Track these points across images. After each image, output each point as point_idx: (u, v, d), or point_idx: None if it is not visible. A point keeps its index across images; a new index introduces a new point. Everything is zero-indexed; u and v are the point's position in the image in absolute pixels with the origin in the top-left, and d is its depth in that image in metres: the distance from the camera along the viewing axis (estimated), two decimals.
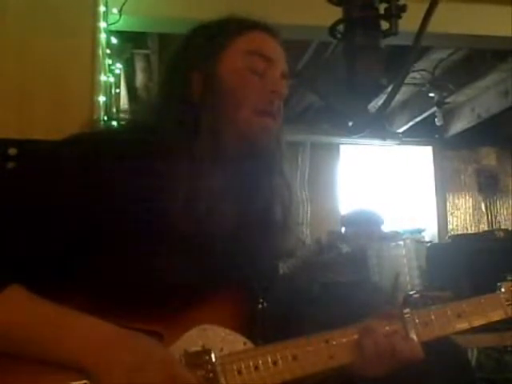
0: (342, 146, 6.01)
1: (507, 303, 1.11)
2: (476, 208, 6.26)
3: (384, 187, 6.04)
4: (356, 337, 1.01)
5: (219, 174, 1.04)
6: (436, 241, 5.69)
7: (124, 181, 0.95)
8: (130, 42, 3.53)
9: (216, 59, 1.07)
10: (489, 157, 6.27)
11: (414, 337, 1.02)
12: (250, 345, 0.98)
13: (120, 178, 0.95)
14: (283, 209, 1.11)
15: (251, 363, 0.94)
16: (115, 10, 2.78)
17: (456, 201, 6.25)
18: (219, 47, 1.08)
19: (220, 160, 1.04)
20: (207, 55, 1.08)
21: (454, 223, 6.20)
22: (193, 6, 2.67)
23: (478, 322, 1.08)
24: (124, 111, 3.69)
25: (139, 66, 4.42)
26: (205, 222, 0.98)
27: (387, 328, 1.02)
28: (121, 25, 2.85)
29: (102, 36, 2.65)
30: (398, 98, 5.11)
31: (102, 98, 2.54)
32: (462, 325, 1.07)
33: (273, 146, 1.08)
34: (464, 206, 6.26)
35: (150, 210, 0.95)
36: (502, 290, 1.12)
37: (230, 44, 1.08)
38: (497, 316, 1.10)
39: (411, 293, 2.49)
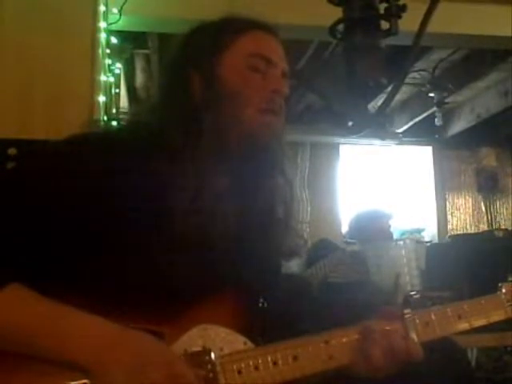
0: (341, 146, 6.01)
1: (508, 304, 1.11)
2: (476, 208, 6.26)
3: (384, 187, 6.04)
4: (356, 337, 1.00)
5: (222, 174, 1.05)
6: (436, 241, 5.70)
7: (126, 181, 0.95)
8: (130, 41, 3.53)
9: (216, 60, 1.07)
10: (488, 157, 6.27)
11: (415, 337, 1.02)
12: (250, 345, 0.98)
13: (122, 179, 0.95)
14: (285, 208, 1.11)
15: (251, 363, 0.94)
16: (115, 10, 2.78)
17: (456, 201, 6.26)
18: (219, 48, 1.08)
19: (223, 160, 1.04)
20: (207, 56, 1.08)
21: (454, 223, 6.20)
22: (193, 6, 2.67)
23: (478, 322, 1.08)
24: (124, 111, 3.69)
25: (139, 65, 4.43)
26: (207, 223, 0.98)
27: (387, 328, 1.02)
28: (121, 25, 2.85)
29: (102, 36, 2.65)
30: (398, 97, 5.11)
31: (101, 98, 2.54)
32: (463, 325, 1.07)
33: (275, 144, 1.08)
34: (464, 206, 6.26)
35: (152, 210, 0.95)
36: (503, 290, 1.12)
37: (230, 44, 1.08)
38: (497, 316, 1.09)
39: (412, 293, 2.49)
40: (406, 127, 5.67)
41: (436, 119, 5.06)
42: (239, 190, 1.07)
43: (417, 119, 5.47)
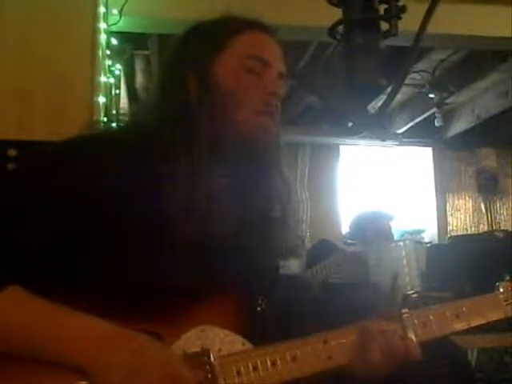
0: (341, 147, 6.02)
1: (506, 303, 1.11)
2: (476, 209, 6.27)
3: (384, 188, 6.05)
4: (354, 337, 1.00)
5: (218, 175, 1.05)
6: (436, 241, 5.71)
7: (124, 182, 0.95)
8: (130, 42, 3.53)
9: (212, 61, 1.07)
10: (489, 157, 6.27)
11: (413, 337, 1.02)
12: (248, 345, 0.98)
13: (120, 179, 0.95)
14: (282, 208, 1.11)
15: (250, 364, 0.94)
16: (115, 11, 2.79)
17: (456, 202, 6.26)
18: (215, 48, 1.08)
19: (219, 161, 1.04)
20: (203, 57, 1.07)
21: (454, 224, 6.21)
22: (193, 7, 2.67)
23: (476, 322, 1.08)
24: (124, 112, 3.69)
25: (139, 66, 4.43)
26: (204, 224, 0.98)
27: (386, 328, 1.02)
28: (121, 26, 2.85)
29: (102, 37, 2.66)
30: (398, 98, 5.12)
31: (101, 99, 2.54)
32: (461, 325, 1.07)
33: (271, 145, 1.08)
34: (464, 207, 6.27)
35: (150, 211, 0.95)
36: (501, 289, 1.12)
37: (226, 46, 1.08)
38: (495, 316, 1.10)
39: (410, 293, 2.49)
40: (405, 128, 5.68)
41: (436, 120, 5.08)
42: (236, 191, 1.07)
43: (417, 120, 5.48)
